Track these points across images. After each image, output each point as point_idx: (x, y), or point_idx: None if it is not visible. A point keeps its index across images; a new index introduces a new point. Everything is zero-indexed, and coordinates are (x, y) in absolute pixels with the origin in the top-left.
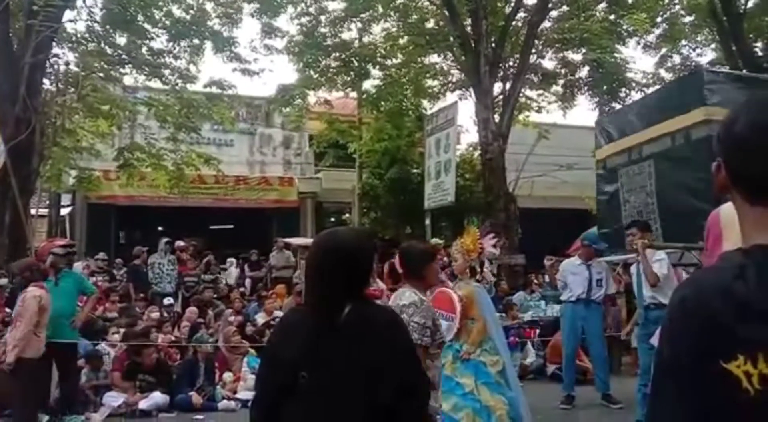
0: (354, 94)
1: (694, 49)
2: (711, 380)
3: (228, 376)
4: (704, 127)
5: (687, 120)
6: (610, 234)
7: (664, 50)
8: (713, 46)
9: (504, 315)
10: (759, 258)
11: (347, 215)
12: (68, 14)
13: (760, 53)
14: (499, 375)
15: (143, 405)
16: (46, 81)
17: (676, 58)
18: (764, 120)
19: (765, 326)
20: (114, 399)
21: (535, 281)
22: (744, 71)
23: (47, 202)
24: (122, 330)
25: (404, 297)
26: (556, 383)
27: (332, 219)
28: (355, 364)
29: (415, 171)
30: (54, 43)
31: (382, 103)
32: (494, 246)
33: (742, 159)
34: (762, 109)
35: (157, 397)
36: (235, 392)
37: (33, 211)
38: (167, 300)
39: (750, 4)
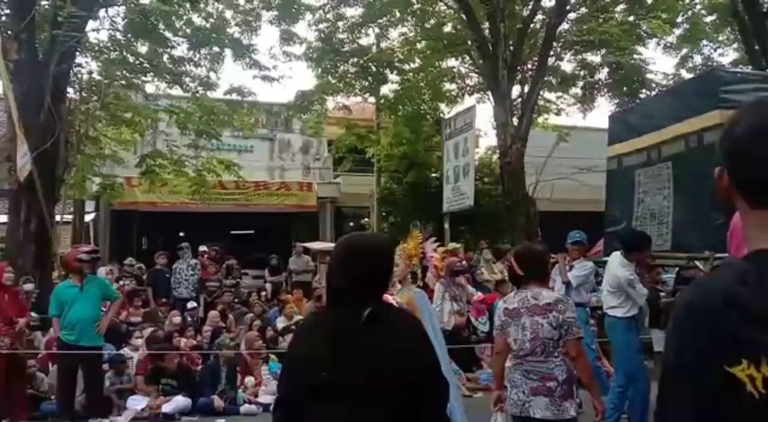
0: (372, 99)
1: (715, 49)
2: (716, 384)
3: (250, 380)
4: (718, 131)
5: (701, 122)
6: (618, 233)
7: (684, 51)
8: (735, 45)
9: None
10: (760, 262)
11: (366, 219)
12: (91, 24)
13: None
14: None
15: (166, 408)
16: (70, 89)
17: (697, 59)
18: (763, 124)
19: (765, 330)
20: (137, 402)
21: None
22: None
23: (71, 209)
24: (145, 335)
25: (543, 296)
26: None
27: (351, 223)
28: (376, 367)
29: (433, 175)
30: (78, 53)
31: (400, 107)
32: (434, 250)
33: (742, 163)
34: (761, 113)
35: (180, 401)
36: (256, 396)
37: (58, 218)
38: (191, 304)
39: None
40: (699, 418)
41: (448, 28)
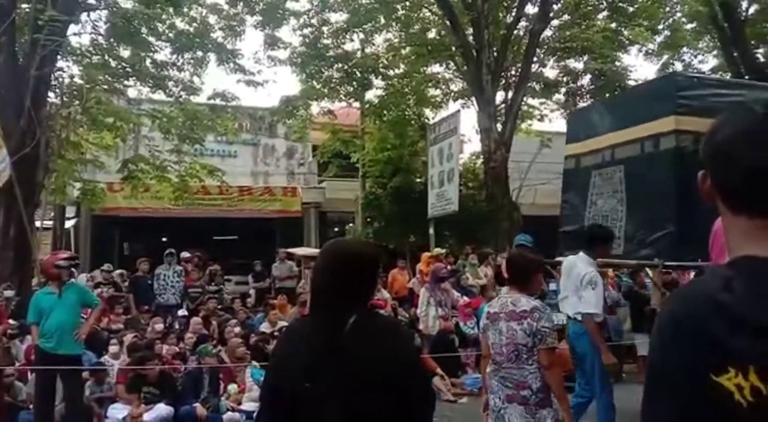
0: (357, 105)
1: (695, 56)
2: (703, 393)
3: (232, 388)
4: (673, 136)
5: (657, 127)
6: (569, 234)
7: (665, 57)
8: (715, 52)
9: None
10: (745, 269)
11: (351, 225)
12: (73, 28)
13: (761, 59)
14: None
15: (147, 417)
16: (51, 94)
17: (678, 65)
18: (744, 130)
19: (754, 338)
20: (118, 411)
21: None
22: (728, 76)
23: (52, 215)
24: (124, 343)
25: (521, 303)
26: None
27: (336, 228)
28: (359, 375)
29: (418, 180)
30: (59, 57)
31: (385, 112)
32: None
33: (723, 169)
34: (743, 119)
35: (162, 409)
36: (239, 403)
37: (38, 224)
38: (181, 312)
39: (751, 11)
40: None
41: (432, 34)
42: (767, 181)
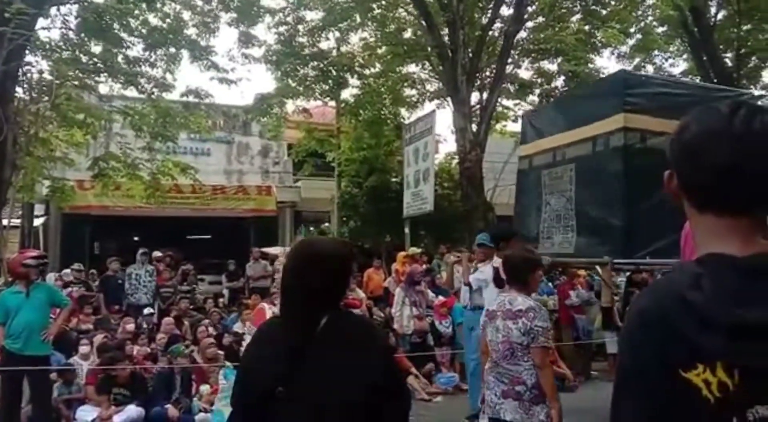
0: (332, 103)
1: (666, 60)
2: (671, 389)
3: (205, 388)
4: (622, 134)
5: (607, 126)
6: (526, 236)
7: (637, 60)
8: (685, 56)
9: None
10: (713, 266)
11: (326, 224)
12: (42, 22)
13: (729, 64)
14: None
15: (118, 419)
16: (18, 89)
17: (650, 68)
18: (712, 130)
19: (722, 335)
20: (87, 413)
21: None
22: (698, 79)
23: (20, 213)
24: (94, 343)
25: (517, 302)
26: None
27: (311, 228)
28: (332, 377)
29: (393, 180)
30: (27, 51)
31: (361, 112)
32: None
33: (690, 167)
34: (709, 118)
35: (132, 411)
36: (212, 404)
37: (5, 222)
38: (147, 310)
39: (720, 17)
40: None
41: (408, 34)
42: (735, 179)
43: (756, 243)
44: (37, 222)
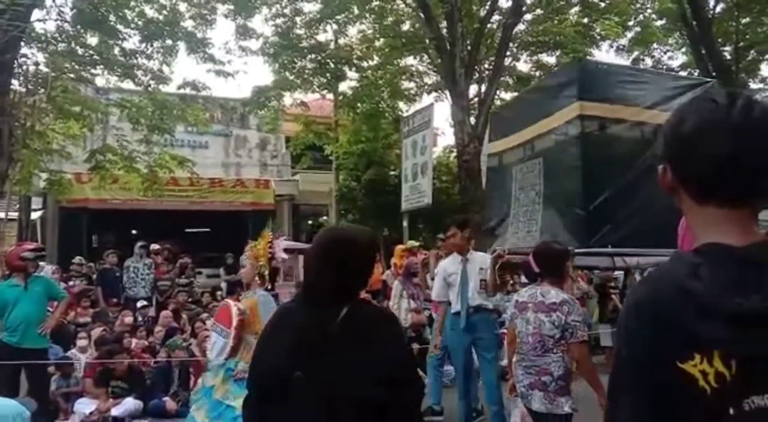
0: (330, 96)
1: (665, 53)
2: (668, 380)
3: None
4: (578, 122)
5: (565, 115)
6: (494, 229)
7: (636, 53)
8: (684, 49)
9: None
10: (711, 256)
11: (324, 217)
12: (37, 14)
13: (728, 57)
14: None
15: (116, 412)
16: (14, 82)
17: (648, 61)
18: (711, 120)
19: (720, 324)
20: (85, 406)
21: (512, 281)
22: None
23: (17, 206)
24: (92, 336)
25: (551, 295)
26: None
27: (309, 221)
28: (350, 364)
29: (392, 173)
30: (22, 43)
31: (359, 105)
32: (286, 250)
33: (689, 159)
34: (707, 110)
35: (130, 403)
36: None
37: (2, 215)
38: (140, 304)
39: (718, 9)
40: (652, 415)
41: (406, 27)
42: (735, 170)
43: (754, 234)
44: (35, 215)
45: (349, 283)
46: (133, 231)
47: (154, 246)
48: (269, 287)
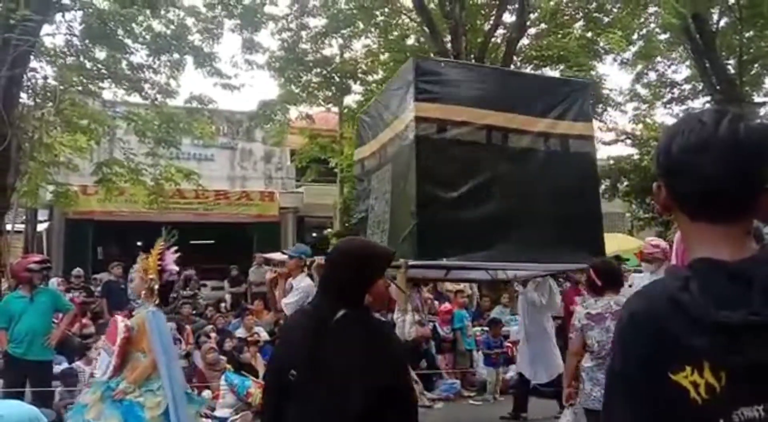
0: (335, 109)
1: (669, 66)
2: (660, 392)
3: (206, 394)
4: (414, 125)
5: (406, 118)
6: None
7: (639, 67)
8: (688, 62)
9: (486, 329)
10: (703, 270)
11: (329, 230)
12: (47, 28)
13: (732, 70)
14: (161, 418)
15: None
16: (23, 95)
17: (652, 75)
18: (699, 141)
19: (710, 337)
20: None
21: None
22: (700, 86)
23: (24, 218)
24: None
25: (623, 303)
26: (538, 397)
27: (314, 234)
28: (342, 367)
29: None
30: (32, 57)
31: None
32: (176, 262)
33: (680, 179)
34: (695, 130)
35: None
36: (213, 409)
37: (9, 227)
38: None
39: (722, 23)
40: None
41: (411, 41)
42: (724, 189)
43: (746, 249)
44: (41, 227)
45: (345, 288)
46: (138, 243)
47: None
48: (158, 301)
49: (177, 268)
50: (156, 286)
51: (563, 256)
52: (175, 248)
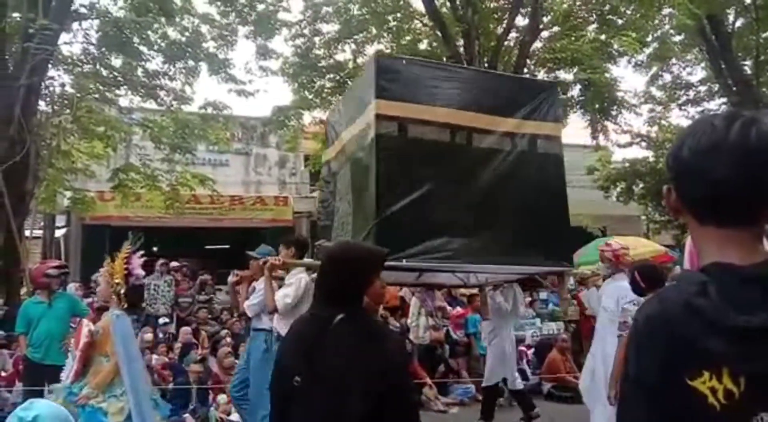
0: None
1: (684, 68)
2: (678, 397)
3: (222, 398)
4: (374, 123)
5: (367, 116)
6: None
7: (654, 69)
8: (703, 64)
9: None
10: (718, 275)
11: None
12: (64, 37)
13: (748, 71)
14: None
15: None
16: (41, 102)
17: (667, 77)
18: (709, 145)
19: (728, 342)
20: None
21: (530, 298)
22: (716, 87)
23: (42, 224)
24: None
25: None
26: (551, 401)
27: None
28: (342, 370)
29: None
30: (50, 65)
31: None
32: (142, 266)
33: (690, 183)
34: (705, 133)
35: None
36: (228, 414)
37: (27, 233)
38: (162, 320)
39: (738, 24)
40: None
41: (423, 46)
42: (735, 193)
43: (757, 253)
44: (59, 233)
45: (341, 293)
46: (155, 249)
47: (174, 264)
48: (126, 306)
49: (143, 272)
50: (122, 290)
51: (528, 258)
52: (141, 252)
